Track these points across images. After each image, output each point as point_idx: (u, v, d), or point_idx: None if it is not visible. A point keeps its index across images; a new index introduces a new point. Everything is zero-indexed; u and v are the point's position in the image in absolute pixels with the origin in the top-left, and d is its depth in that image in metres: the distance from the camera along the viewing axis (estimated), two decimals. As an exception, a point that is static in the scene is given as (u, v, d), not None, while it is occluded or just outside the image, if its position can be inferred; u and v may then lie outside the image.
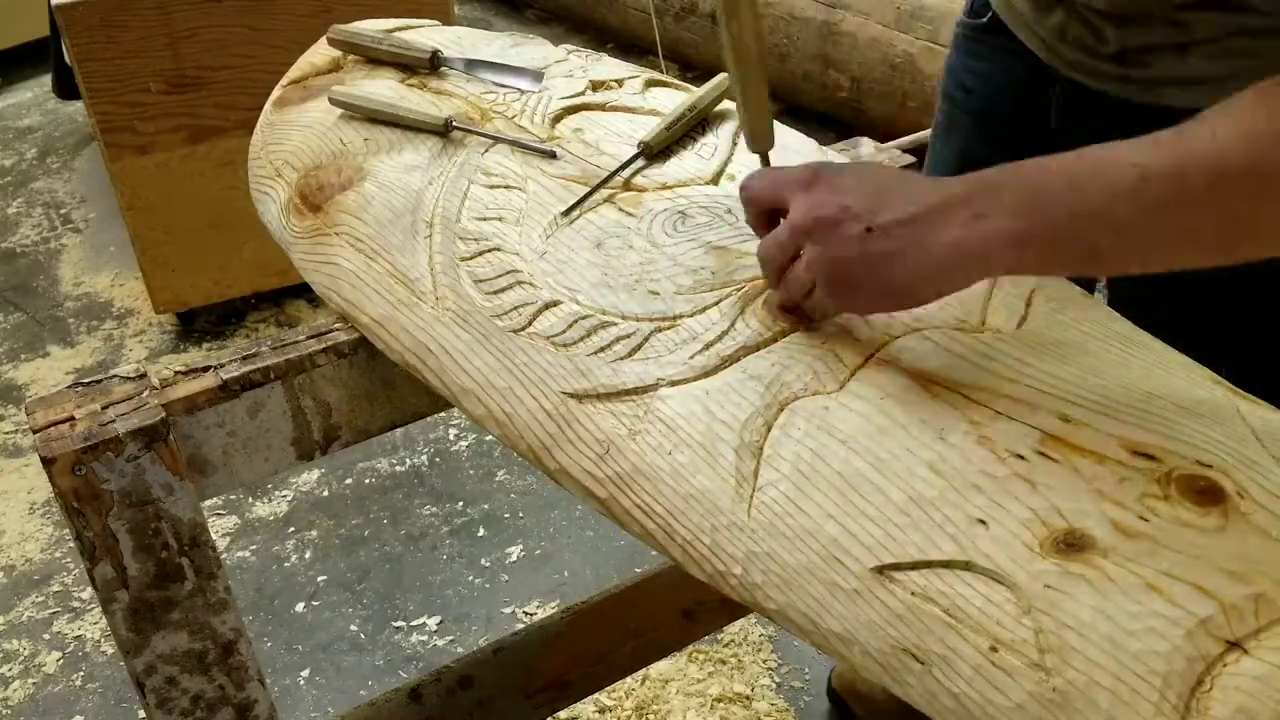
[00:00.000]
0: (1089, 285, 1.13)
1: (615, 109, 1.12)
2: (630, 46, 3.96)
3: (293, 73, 1.27)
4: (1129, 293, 1.02)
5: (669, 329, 0.83)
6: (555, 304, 0.87)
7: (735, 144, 1.05)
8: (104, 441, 0.85)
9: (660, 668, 1.82)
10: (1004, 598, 0.63)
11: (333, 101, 1.13)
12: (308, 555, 2.14)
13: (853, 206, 0.73)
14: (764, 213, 0.81)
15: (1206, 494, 0.65)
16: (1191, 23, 0.90)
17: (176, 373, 0.94)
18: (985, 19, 1.15)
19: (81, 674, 1.92)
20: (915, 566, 0.66)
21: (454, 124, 1.07)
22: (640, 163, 1.01)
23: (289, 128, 1.16)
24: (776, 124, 1.12)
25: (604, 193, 0.98)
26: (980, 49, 1.18)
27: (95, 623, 2.01)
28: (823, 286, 0.75)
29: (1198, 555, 0.62)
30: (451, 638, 1.94)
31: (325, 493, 2.28)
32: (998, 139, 1.13)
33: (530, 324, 0.86)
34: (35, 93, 4.14)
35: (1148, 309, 0.86)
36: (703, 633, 1.54)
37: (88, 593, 2.05)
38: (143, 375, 0.93)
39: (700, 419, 0.77)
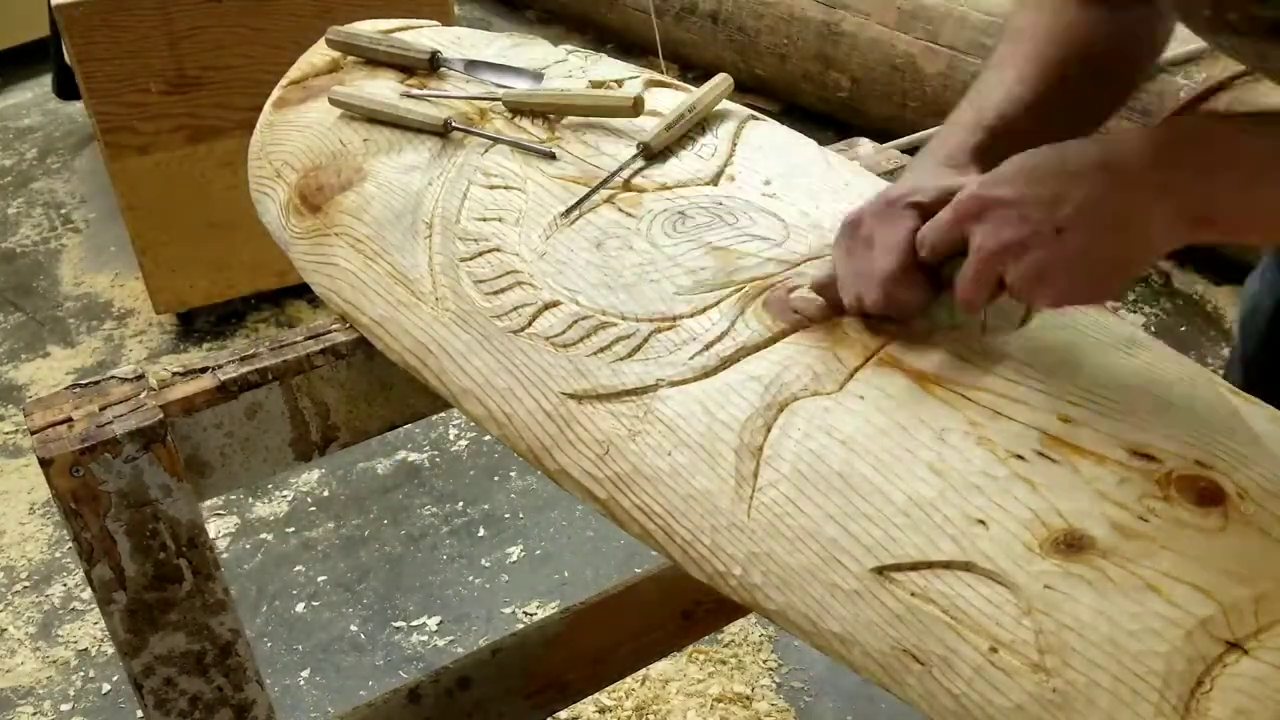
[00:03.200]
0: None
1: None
2: (630, 46, 3.96)
3: (292, 73, 1.27)
4: None
5: (669, 329, 0.83)
6: (555, 304, 0.87)
7: (735, 144, 1.05)
8: (102, 442, 0.85)
9: (660, 668, 1.81)
10: (1004, 598, 0.63)
11: (333, 102, 1.13)
12: (308, 555, 2.14)
13: (1031, 214, 0.69)
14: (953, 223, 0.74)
15: (1206, 494, 0.64)
16: None
17: (174, 374, 0.94)
18: None
19: (81, 674, 1.92)
20: (915, 567, 0.66)
21: (453, 124, 1.07)
22: (639, 163, 1.01)
23: (289, 128, 1.16)
24: (774, 122, 1.12)
25: (604, 193, 0.98)
26: None
27: (95, 623, 2.01)
28: (1043, 299, 0.72)
29: (1198, 555, 0.62)
30: (451, 638, 1.94)
31: (325, 493, 2.28)
32: None
33: (530, 324, 0.86)
34: (35, 93, 4.14)
35: None
36: (703, 633, 1.54)
37: (88, 593, 2.05)
38: (141, 376, 0.93)
39: (700, 419, 0.76)
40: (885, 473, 0.70)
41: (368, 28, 1.28)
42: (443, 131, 1.07)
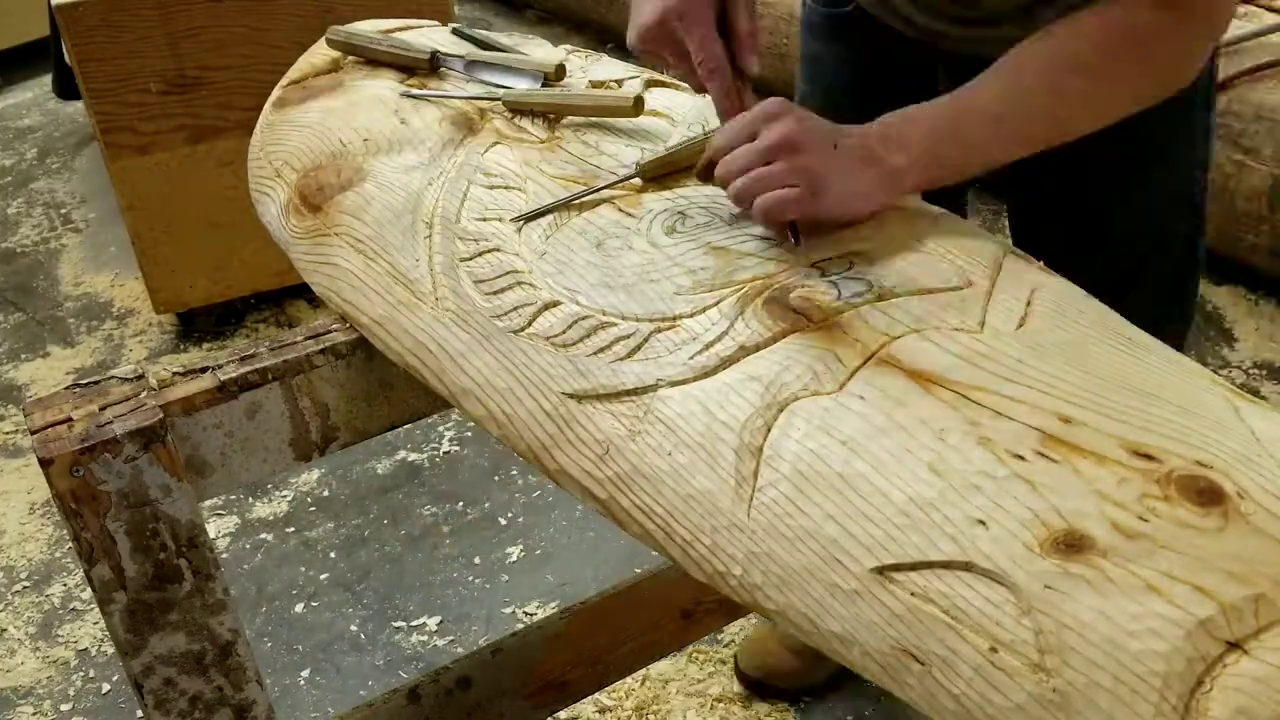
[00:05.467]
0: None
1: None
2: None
3: (292, 73, 1.27)
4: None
5: (669, 329, 0.83)
6: (555, 304, 0.87)
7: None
8: (102, 442, 0.85)
9: (660, 668, 1.81)
10: (1004, 598, 0.63)
11: (330, 43, 1.21)
12: (308, 555, 2.14)
13: (818, 126, 0.91)
14: (736, 145, 0.92)
15: (1206, 494, 0.64)
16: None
17: (174, 374, 0.94)
18: (848, 9, 1.25)
19: (81, 674, 1.92)
20: (915, 567, 0.66)
21: (438, 55, 1.14)
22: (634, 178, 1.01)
23: (289, 128, 1.16)
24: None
25: (605, 194, 0.98)
26: (850, 37, 1.29)
27: (95, 623, 2.01)
28: (805, 192, 0.87)
29: (1198, 555, 0.61)
30: (451, 638, 1.94)
31: (325, 493, 2.28)
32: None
33: (530, 324, 0.86)
34: (35, 93, 4.14)
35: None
36: (702, 633, 1.54)
37: (88, 593, 2.05)
38: (140, 376, 0.93)
39: (700, 419, 0.76)
40: (885, 473, 0.70)
41: (368, 28, 1.28)
42: (428, 66, 1.17)
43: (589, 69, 1.20)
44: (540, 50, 1.25)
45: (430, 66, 1.18)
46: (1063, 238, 1.20)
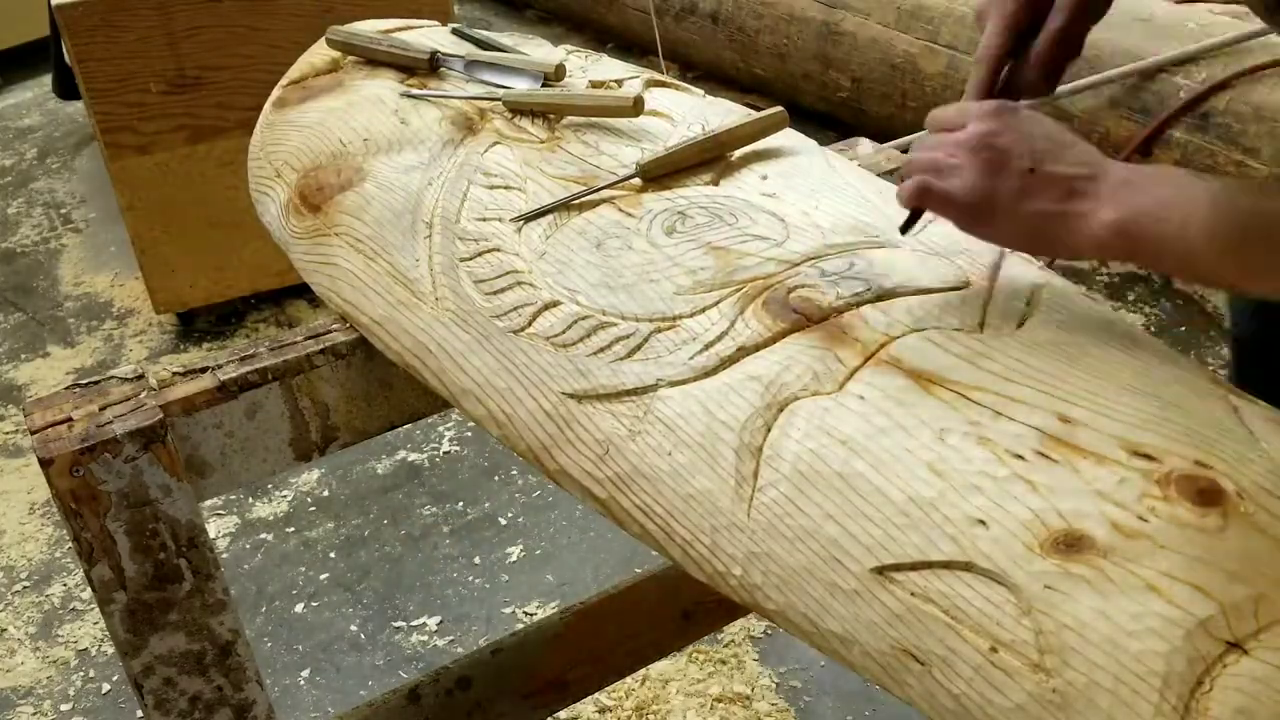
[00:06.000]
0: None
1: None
2: (630, 46, 3.96)
3: (292, 73, 1.27)
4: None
5: (669, 329, 0.83)
6: (555, 304, 0.87)
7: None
8: (102, 443, 0.85)
9: (660, 668, 1.81)
10: (1004, 598, 0.63)
11: (330, 43, 1.21)
12: (308, 555, 2.14)
13: (1032, 146, 0.78)
14: (944, 131, 0.84)
15: (1206, 494, 0.64)
16: None
17: (174, 374, 0.94)
18: None
19: (81, 674, 1.92)
20: (915, 567, 0.66)
21: (438, 55, 1.14)
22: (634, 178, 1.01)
23: (289, 128, 1.16)
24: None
25: (605, 194, 0.98)
26: None
27: (95, 623, 2.01)
28: (966, 197, 0.79)
29: (1198, 555, 0.61)
30: (451, 638, 1.94)
31: (325, 493, 2.28)
32: None
33: (530, 324, 0.86)
34: (35, 93, 4.14)
35: None
36: (703, 633, 1.54)
37: (88, 593, 2.05)
38: (140, 376, 0.93)
39: (700, 419, 0.76)
40: (885, 473, 0.70)
41: (368, 28, 1.28)
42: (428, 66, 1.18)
43: (589, 69, 1.20)
44: (540, 50, 1.25)
45: (430, 66, 1.18)
46: None
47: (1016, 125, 0.80)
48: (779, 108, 1.06)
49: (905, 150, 1.25)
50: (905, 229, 0.86)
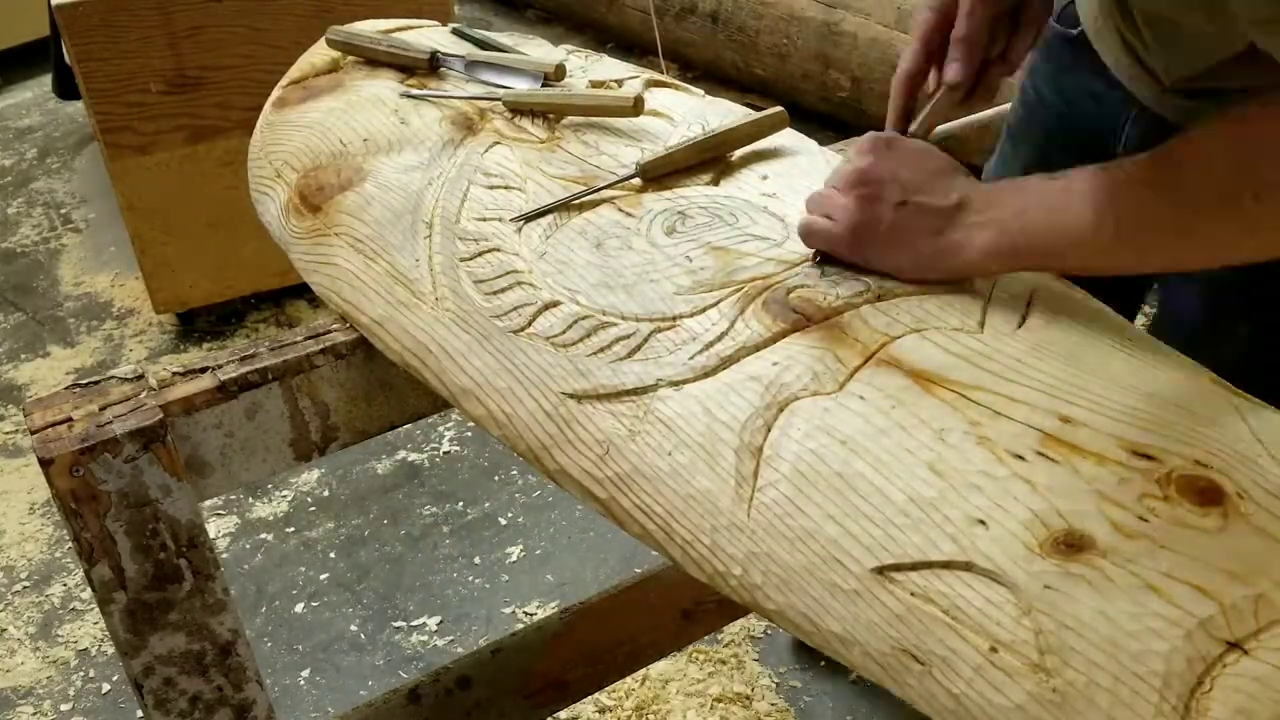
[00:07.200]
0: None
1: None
2: (630, 46, 3.96)
3: (292, 73, 1.27)
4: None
5: (669, 329, 0.83)
6: (555, 304, 0.87)
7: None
8: (102, 442, 0.85)
9: (660, 668, 1.81)
10: (1004, 598, 0.63)
11: (330, 43, 1.22)
12: (308, 555, 2.14)
13: (901, 178, 0.83)
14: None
15: (1206, 494, 0.64)
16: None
17: (174, 374, 0.94)
18: (1076, 31, 1.13)
19: (81, 674, 1.92)
20: (915, 567, 0.66)
21: (438, 55, 1.15)
22: (634, 178, 1.01)
23: (289, 128, 1.16)
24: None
25: (605, 194, 0.98)
26: (1066, 60, 1.16)
27: (95, 623, 2.01)
28: (845, 233, 0.84)
29: (1198, 555, 0.62)
30: (451, 638, 1.94)
31: (325, 493, 2.28)
32: (1068, 151, 1.08)
33: (530, 324, 0.86)
34: (35, 93, 4.14)
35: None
36: (702, 633, 1.54)
37: (88, 593, 2.05)
38: (140, 376, 0.93)
39: (700, 420, 0.76)
40: (885, 473, 0.70)
41: (368, 28, 1.28)
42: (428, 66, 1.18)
43: (589, 69, 1.19)
44: (540, 50, 1.25)
45: (430, 66, 1.18)
46: None
47: (889, 158, 0.85)
48: (779, 108, 1.05)
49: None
50: (814, 261, 0.88)
